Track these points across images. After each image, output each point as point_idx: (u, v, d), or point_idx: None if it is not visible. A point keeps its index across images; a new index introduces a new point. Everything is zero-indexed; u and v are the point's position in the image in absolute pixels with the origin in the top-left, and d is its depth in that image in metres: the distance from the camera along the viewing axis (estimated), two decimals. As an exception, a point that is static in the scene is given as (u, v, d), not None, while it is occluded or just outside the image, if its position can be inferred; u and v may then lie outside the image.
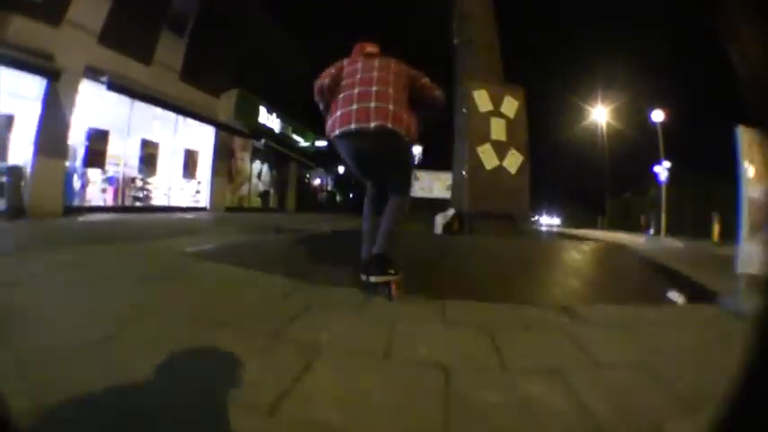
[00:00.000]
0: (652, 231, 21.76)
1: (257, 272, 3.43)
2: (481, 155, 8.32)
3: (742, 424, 0.72)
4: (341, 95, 3.33)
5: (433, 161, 29.37)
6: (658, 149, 23.67)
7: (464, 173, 8.26)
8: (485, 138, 8.46)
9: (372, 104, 3.16)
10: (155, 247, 4.77)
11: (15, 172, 10.01)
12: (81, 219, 9.98)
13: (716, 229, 15.92)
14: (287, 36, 24.69)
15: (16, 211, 9.76)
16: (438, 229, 7.84)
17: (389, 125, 3.09)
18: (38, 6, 10.04)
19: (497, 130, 8.63)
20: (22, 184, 10.12)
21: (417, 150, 30.51)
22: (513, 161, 8.69)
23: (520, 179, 8.72)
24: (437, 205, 24.75)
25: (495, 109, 8.71)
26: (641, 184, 31.29)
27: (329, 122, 3.31)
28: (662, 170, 22.60)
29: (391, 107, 3.17)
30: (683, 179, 23.13)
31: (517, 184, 8.69)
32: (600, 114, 35.60)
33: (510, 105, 8.92)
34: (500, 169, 8.46)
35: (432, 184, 24.88)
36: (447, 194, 24.36)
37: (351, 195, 40.36)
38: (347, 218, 19.63)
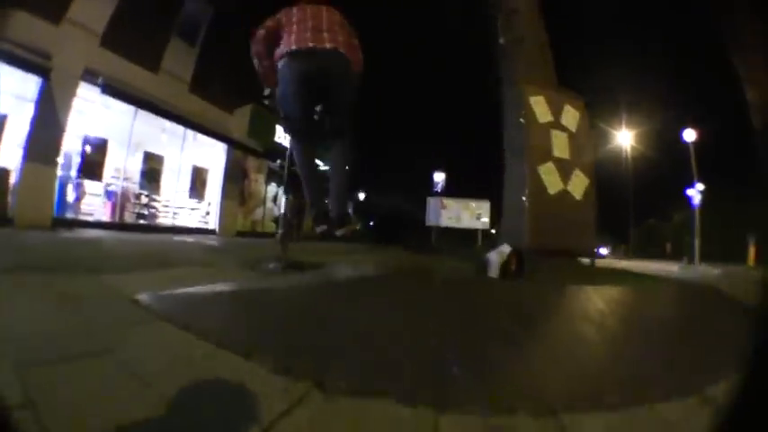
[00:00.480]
0: (685, 259, 20.00)
1: (235, 356, 1.80)
2: (543, 176, 6.86)
3: (742, 423, 0.76)
4: (293, 27, 3.39)
5: (461, 188, 28.31)
6: (689, 171, 22.07)
7: (524, 198, 6.74)
8: (546, 155, 7.04)
9: (326, 34, 3.33)
10: (103, 285, 3.16)
11: (1, 176, 9.08)
12: (66, 233, 8.75)
13: (751, 252, 14.85)
14: None
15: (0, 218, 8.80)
16: (493, 272, 6.16)
17: (342, 50, 3.33)
18: (38, 1, 9.19)
19: (560, 145, 7.24)
20: (9, 189, 9.19)
21: (440, 178, 29.42)
22: (579, 184, 7.31)
23: (586, 207, 7.30)
24: (466, 236, 23.61)
25: (555, 120, 7.36)
26: (665, 210, 30.07)
27: (281, 47, 3.38)
28: (695, 193, 20.84)
29: (341, 38, 3.39)
30: (712, 201, 21.77)
31: (583, 212, 7.26)
32: (624, 138, 34.05)
33: (571, 116, 7.59)
34: (564, 194, 7.02)
35: (460, 213, 23.46)
36: (477, 224, 23.43)
37: (370, 222, 39.25)
38: (370, 249, 18.00)
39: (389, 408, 1.40)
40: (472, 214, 23.16)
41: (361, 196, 37.55)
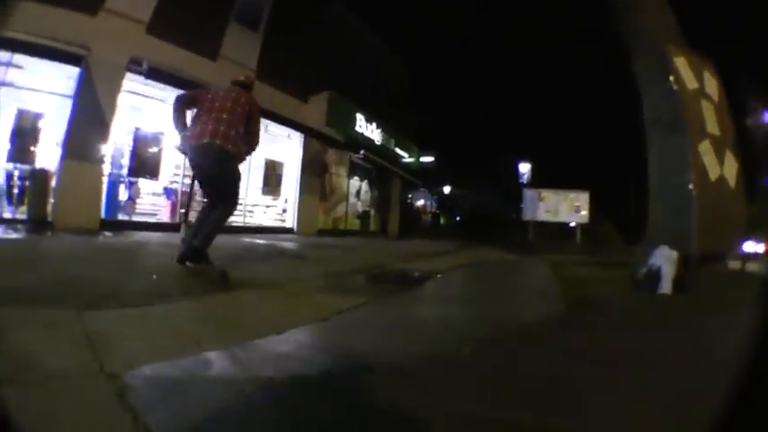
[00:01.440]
0: None
1: None
2: (703, 157, 5.42)
3: (743, 422, 0.77)
4: (201, 116, 4.35)
5: (547, 178, 25.39)
6: None
7: (691, 187, 5.28)
8: (702, 130, 5.56)
9: (221, 127, 4.23)
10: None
11: (39, 177, 8.74)
12: (106, 237, 8.05)
13: None
14: (386, 46, 21.83)
15: (39, 221, 8.46)
16: (665, 286, 4.79)
17: (228, 145, 4.22)
18: None
19: (710, 118, 5.69)
20: (50, 191, 8.77)
21: (526, 168, 26.90)
22: (731, 168, 5.71)
23: (738, 197, 5.79)
24: (560, 231, 21.28)
25: (701, 87, 5.80)
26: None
27: (189, 124, 4.43)
28: None
29: (232, 132, 4.28)
30: None
31: (736, 203, 5.78)
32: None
33: (712, 84, 5.98)
34: (721, 181, 5.53)
35: (558, 206, 21.20)
36: (574, 218, 20.83)
37: (456, 218, 37.36)
38: (462, 243, 16.37)
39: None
40: (570, 206, 21.07)
41: (446, 190, 35.68)
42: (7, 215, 8.69)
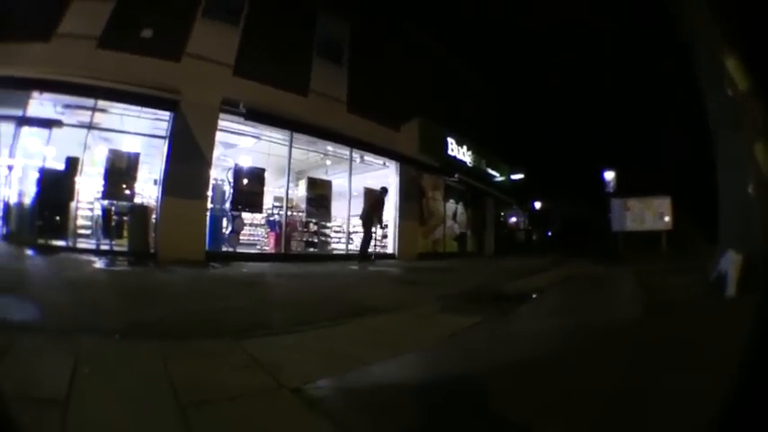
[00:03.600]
0: None
1: None
2: (758, 156, 5.30)
3: (744, 422, 0.78)
4: None
5: (637, 184, 23.42)
6: None
7: (750, 189, 5.38)
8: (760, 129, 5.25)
9: None
10: (245, 360, 2.73)
11: (138, 212, 9.58)
12: (213, 269, 8.64)
13: None
14: (471, 69, 21.95)
15: (140, 253, 9.13)
16: (731, 290, 4.89)
17: None
18: (151, 42, 9.57)
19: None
20: (150, 225, 9.61)
21: (611, 176, 24.98)
22: None
23: None
24: (646, 239, 19.76)
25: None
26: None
27: None
28: None
29: None
30: None
31: None
32: None
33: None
34: None
35: (644, 214, 20.06)
36: (659, 225, 19.24)
37: (548, 233, 35.71)
38: (556, 259, 16.12)
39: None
40: (654, 214, 19.70)
41: (537, 205, 34.38)
42: (104, 246, 9.60)
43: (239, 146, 11.22)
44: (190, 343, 2.97)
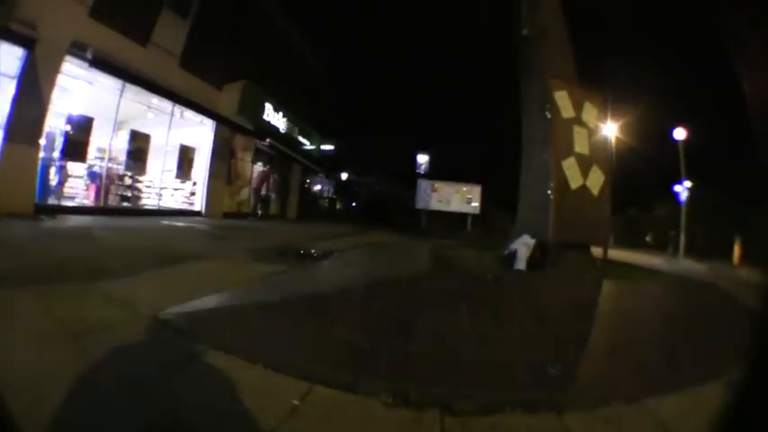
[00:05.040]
0: (669, 251, 20.92)
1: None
2: (566, 171, 7.05)
3: (744, 422, 0.78)
4: None
5: (443, 170, 27.92)
6: (671, 162, 22.28)
7: (550, 192, 6.90)
8: (569, 150, 7.26)
9: None
10: (105, 299, 3.20)
11: None
12: (49, 221, 8.25)
13: (737, 251, 15.99)
14: (298, 32, 22.70)
15: None
16: (520, 264, 6.38)
17: None
18: None
19: (580, 141, 7.48)
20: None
21: (424, 159, 29.22)
22: (596, 180, 7.51)
23: (602, 202, 7.67)
24: (454, 219, 23.60)
25: (577, 115, 7.52)
26: (647, 200, 30.12)
27: None
28: (683, 190, 21.55)
29: None
30: (697, 198, 22.04)
31: (599, 207, 7.62)
32: (609, 129, 33.81)
33: (590, 112, 7.82)
34: (583, 189, 7.27)
35: (450, 197, 23.69)
36: (467, 209, 23.39)
37: (352, 203, 38.92)
38: (359, 228, 18.17)
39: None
40: (462, 198, 23.35)
41: (344, 176, 37.23)
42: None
43: (72, 91, 10.30)
44: (51, 287, 3.28)
